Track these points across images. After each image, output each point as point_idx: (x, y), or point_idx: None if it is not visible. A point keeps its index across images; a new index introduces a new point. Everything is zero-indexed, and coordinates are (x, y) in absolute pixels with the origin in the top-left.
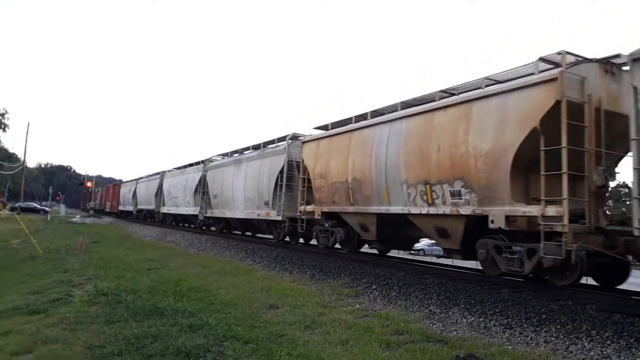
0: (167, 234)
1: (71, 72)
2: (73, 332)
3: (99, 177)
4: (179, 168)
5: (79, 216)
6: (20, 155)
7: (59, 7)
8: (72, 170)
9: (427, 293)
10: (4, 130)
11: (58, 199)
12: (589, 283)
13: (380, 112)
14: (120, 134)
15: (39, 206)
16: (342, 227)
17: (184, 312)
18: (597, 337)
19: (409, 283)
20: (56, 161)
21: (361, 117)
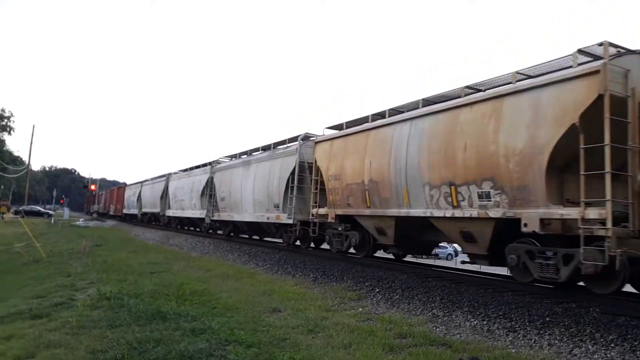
0: (170, 237)
1: (75, 75)
2: (76, 336)
3: (102, 180)
4: (185, 170)
5: (82, 219)
6: (25, 159)
7: (63, 9)
8: (76, 173)
9: (430, 296)
10: (10, 133)
11: (62, 202)
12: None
13: (399, 110)
14: (124, 137)
15: (42, 209)
16: (357, 230)
17: (186, 316)
18: (601, 339)
19: (412, 286)
20: (60, 164)
21: (378, 115)
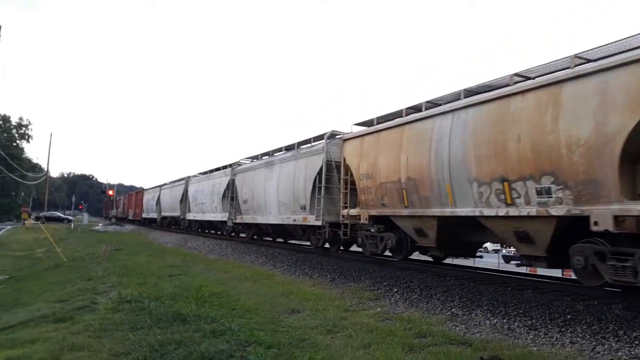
0: (188, 240)
1: (91, 82)
2: (98, 339)
3: (120, 185)
4: (205, 173)
5: (101, 224)
6: (44, 166)
7: (80, 16)
8: (94, 179)
9: (449, 295)
10: (28, 141)
11: (81, 208)
12: None
13: (436, 103)
14: (140, 142)
15: (62, 215)
16: (393, 232)
17: (206, 317)
18: (625, 337)
19: (430, 285)
20: (78, 170)
21: (413, 109)
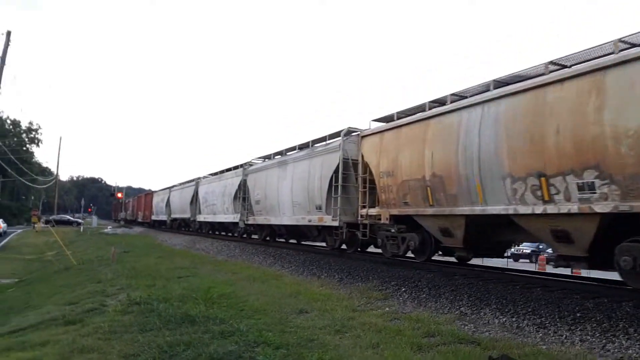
0: (196, 242)
1: (99, 85)
2: (108, 341)
3: (128, 187)
4: (215, 174)
5: (110, 227)
6: (53, 169)
7: (87, 19)
8: (103, 182)
9: (457, 294)
10: (38, 145)
11: (90, 211)
12: None
13: (462, 95)
14: (148, 145)
15: (72, 218)
16: (415, 232)
17: (215, 319)
18: (635, 334)
19: (439, 285)
20: (87, 173)
21: (436, 102)
